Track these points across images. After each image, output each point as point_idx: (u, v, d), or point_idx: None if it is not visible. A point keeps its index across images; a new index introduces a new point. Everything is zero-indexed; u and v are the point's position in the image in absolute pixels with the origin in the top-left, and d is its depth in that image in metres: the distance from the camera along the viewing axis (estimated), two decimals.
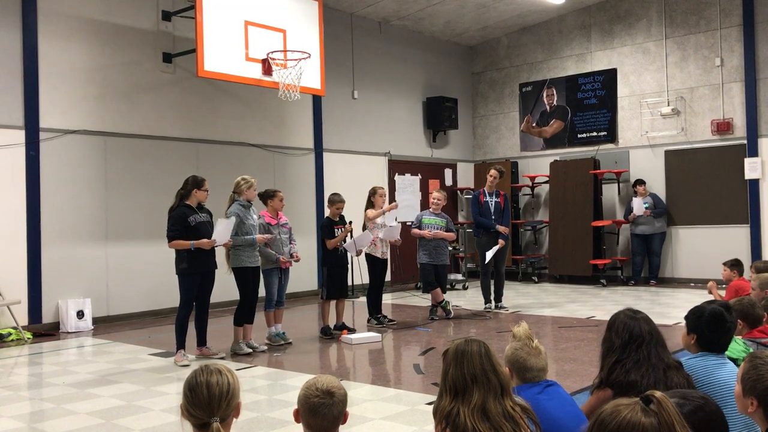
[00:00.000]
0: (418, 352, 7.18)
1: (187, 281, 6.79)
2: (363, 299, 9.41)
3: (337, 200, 8.20)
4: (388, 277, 11.10)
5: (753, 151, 11.69)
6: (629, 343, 3.11)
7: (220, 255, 7.12)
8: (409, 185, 13.83)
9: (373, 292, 8.81)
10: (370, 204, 8.82)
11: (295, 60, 9.60)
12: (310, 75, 10.05)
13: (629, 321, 3.18)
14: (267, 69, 9.67)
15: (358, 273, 10.65)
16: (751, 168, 11.69)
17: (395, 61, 13.65)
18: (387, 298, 10.23)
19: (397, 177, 13.57)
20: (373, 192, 8.83)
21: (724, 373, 3.16)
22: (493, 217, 9.53)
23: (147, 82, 10.01)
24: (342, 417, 2.42)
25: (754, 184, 11.68)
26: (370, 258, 8.76)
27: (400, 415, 4.93)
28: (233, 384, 2.27)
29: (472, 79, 15.36)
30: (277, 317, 7.69)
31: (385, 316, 8.82)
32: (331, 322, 8.22)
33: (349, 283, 11.49)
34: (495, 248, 9.43)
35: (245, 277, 7.20)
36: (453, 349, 2.54)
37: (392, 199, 12.90)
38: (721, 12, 12.05)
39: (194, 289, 6.80)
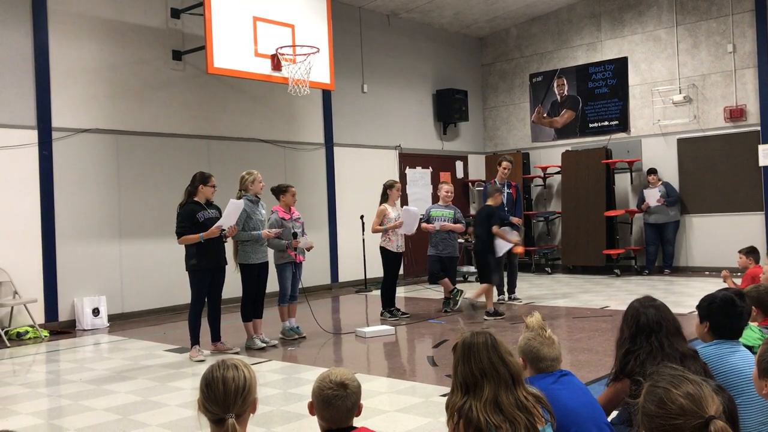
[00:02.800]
0: (432, 344, 7.18)
1: (197, 277, 6.82)
2: (376, 292, 9.41)
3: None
4: (401, 271, 11.10)
5: (767, 138, 11.57)
6: (638, 333, 3.09)
7: (229, 251, 7.15)
8: (420, 178, 13.81)
9: (387, 286, 8.81)
10: (384, 198, 8.80)
11: (304, 55, 9.60)
12: (319, 70, 10.05)
13: (637, 310, 3.17)
14: (276, 64, 9.68)
15: (371, 266, 10.65)
16: (765, 155, 11.57)
17: (404, 54, 13.62)
18: (400, 292, 10.22)
19: (408, 170, 13.56)
20: (390, 186, 8.80)
21: (738, 360, 3.14)
22: (506, 208, 9.50)
23: (157, 79, 10.05)
24: (356, 409, 2.43)
25: None
26: (384, 251, 8.76)
27: (415, 407, 4.94)
28: (249, 379, 2.25)
29: (482, 71, 15.30)
30: (291, 312, 7.72)
31: (398, 309, 8.83)
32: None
33: (360, 276, 11.56)
34: (506, 242, 9.42)
35: (250, 274, 7.21)
36: (460, 344, 2.54)
37: (403, 193, 12.91)
38: None
39: (205, 285, 6.84)
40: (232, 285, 7.42)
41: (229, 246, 7.12)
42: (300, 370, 6.26)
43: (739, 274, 7.29)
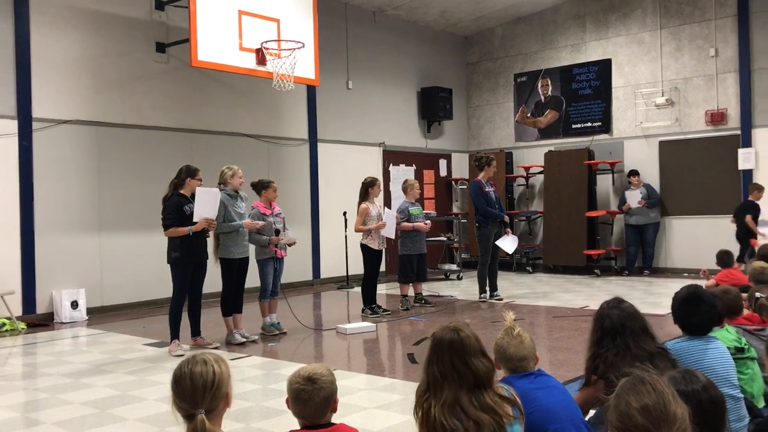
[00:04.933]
0: (412, 341, 7.19)
1: (180, 270, 6.78)
2: (358, 289, 9.42)
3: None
4: (382, 268, 11.09)
5: (747, 142, 11.71)
6: (604, 336, 3.16)
7: (209, 245, 7.11)
8: (403, 175, 13.81)
9: (368, 283, 8.83)
10: (365, 195, 8.81)
11: (290, 50, 9.56)
12: (304, 65, 10.03)
13: (602, 313, 3.24)
14: (261, 59, 9.64)
15: (353, 263, 10.65)
16: (745, 158, 11.71)
17: (390, 51, 13.62)
18: (381, 289, 10.23)
19: (391, 167, 13.57)
20: (371, 183, 8.82)
21: (708, 357, 3.18)
22: (497, 206, 9.59)
23: (140, 72, 9.97)
24: (328, 404, 2.43)
25: (748, 174, 11.71)
26: (365, 249, 8.77)
27: (394, 404, 4.95)
28: (219, 374, 2.22)
29: (467, 70, 15.33)
30: (272, 307, 7.70)
31: (379, 306, 8.85)
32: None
33: (342, 272, 11.55)
34: (513, 238, 9.60)
35: (230, 268, 7.18)
36: (431, 339, 2.54)
37: (386, 190, 12.93)
38: (716, 2, 12.04)
39: (187, 279, 6.80)
40: (212, 280, 7.38)
41: (209, 240, 7.08)
42: (280, 366, 6.25)
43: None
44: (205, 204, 6.71)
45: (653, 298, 9.46)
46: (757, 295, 4.12)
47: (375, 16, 13.29)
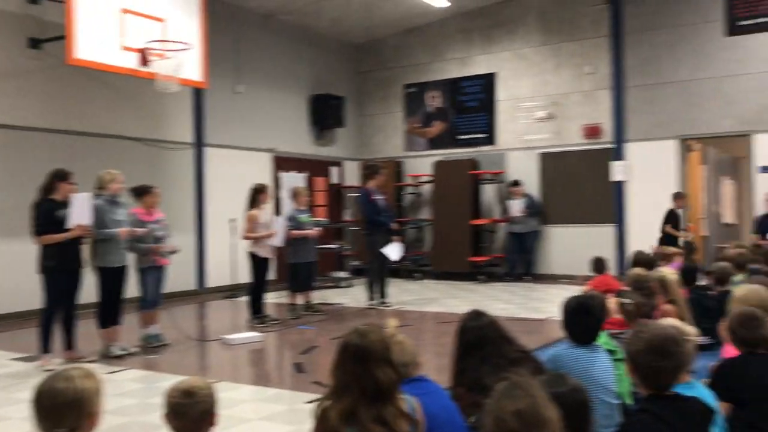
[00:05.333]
0: (300, 351, 7.11)
1: (54, 279, 6.38)
2: (245, 299, 9.22)
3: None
4: (271, 276, 10.92)
5: (619, 155, 12.46)
6: (466, 351, 3.27)
7: (85, 253, 6.74)
8: (294, 182, 13.67)
9: (256, 292, 8.67)
10: (254, 202, 8.65)
11: (175, 51, 9.25)
12: (191, 67, 9.74)
13: (462, 329, 3.35)
14: (144, 59, 9.26)
15: (241, 271, 10.42)
16: (618, 171, 12.45)
17: (281, 57, 13.48)
18: (270, 298, 10.07)
19: (282, 174, 13.41)
20: (260, 189, 8.69)
21: (593, 367, 3.33)
22: (386, 214, 9.66)
23: (11, 68, 9.33)
24: (207, 419, 2.35)
25: (620, 185, 12.45)
26: (253, 257, 8.61)
27: (279, 414, 4.87)
28: (83, 391, 2.08)
29: (359, 78, 15.43)
30: (153, 318, 7.38)
31: (267, 316, 8.70)
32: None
33: (229, 281, 11.27)
34: (399, 246, 9.69)
35: (107, 277, 6.83)
36: (341, 343, 2.50)
37: (276, 197, 12.77)
38: (592, 22, 12.76)
39: (61, 288, 6.41)
40: (88, 289, 6.98)
41: (84, 248, 6.70)
42: (160, 379, 5.99)
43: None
44: (80, 210, 6.36)
45: (533, 303, 9.85)
46: (625, 301, 4.36)
47: (266, 20, 13.12)
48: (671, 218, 11.19)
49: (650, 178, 12.13)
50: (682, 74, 11.92)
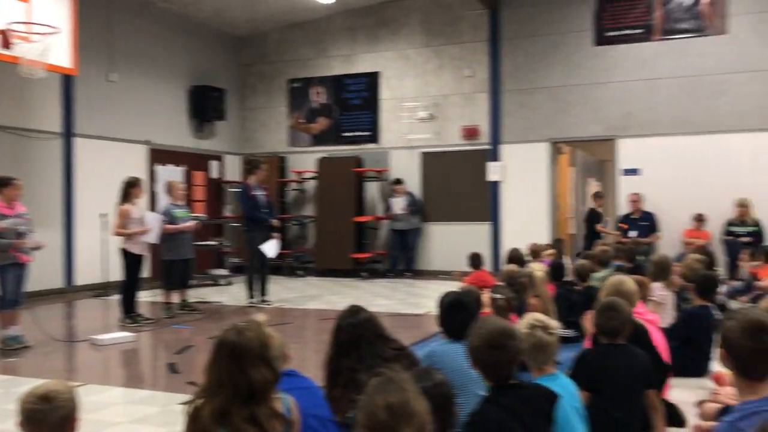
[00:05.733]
0: (175, 350, 6.87)
1: None
2: (116, 297, 8.81)
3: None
4: (145, 274, 10.49)
5: (495, 156, 12.94)
6: (340, 350, 3.30)
7: None
8: (171, 176, 13.19)
9: (128, 290, 8.30)
10: (126, 196, 8.27)
11: (41, 34, 8.67)
12: (59, 52, 9.15)
13: (338, 326, 3.38)
14: (5, 41, 8.61)
15: (113, 269, 9.94)
16: (494, 171, 12.93)
17: (159, 46, 12.96)
18: (144, 296, 9.67)
19: (158, 167, 12.90)
20: (133, 183, 8.32)
21: (465, 362, 3.43)
22: (265, 210, 9.49)
23: None
24: (68, 424, 2.21)
25: (496, 185, 12.94)
26: (126, 254, 8.23)
27: (152, 417, 4.69)
28: None
29: (242, 71, 15.12)
30: (14, 318, 6.89)
31: (140, 315, 8.35)
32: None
33: (100, 279, 10.72)
34: (275, 243, 9.47)
35: None
36: (216, 342, 2.44)
37: (151, 191, 12.30)
38: (472, 27, 13.16)
39: None
40: None
41: None
42: (21, 384, 5.59)
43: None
44: None
45: (413, 299, 10.05)
46: (495, 296, 4.53)
47: (143, 7, 12.57)
48: (596, 217, 11.77)
49: (523, 179, 12.70)
50: (553, 81, 12.55)
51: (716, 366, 4.56)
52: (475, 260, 8.51)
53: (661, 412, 3.66)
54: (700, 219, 11.22)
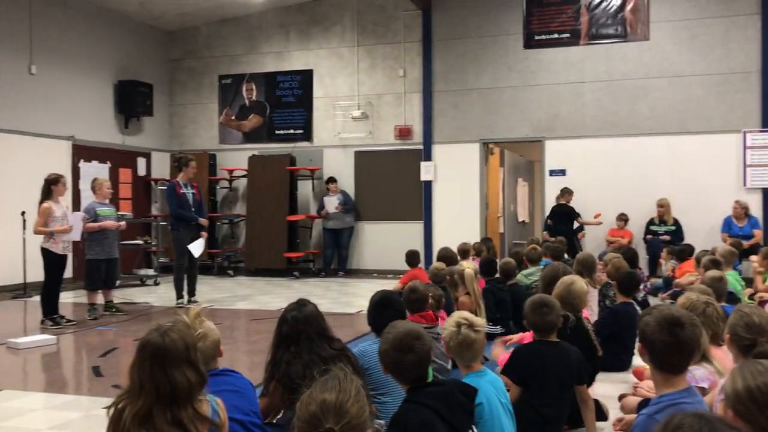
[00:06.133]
0: (99, 353, 6.66)
1: None
2: (37, 298, 8.46)
3: None
4: (68, 274, 10.12)
5: (428, 156, 13.07)
6: (281, 343, 3.28)
7: None
8: (96, 173, 12.77)
9: (50, 291, 7.97)
10: (48, 193, 7.95)
11: None
12: None
13: (282, 318, 3.36)
14: None
15: (32, 269, 9.55)
16: (426, 171, 13.06)
17: (83, 39, 12.50)
18: (66, 297, 9.33)
19: (82, 164, 12.45)
20: (55, 180, 7.99)
21: None
22: (193, 209, 9.28)
23: None
24: None
25: (428, 185, 13.07)
26: (47, 253, 7.90)
27: (74, 422, 4.53)
28: None
29: (170, 66, 14.76)
30: None
31: (62, 317, 8.04)
32: None
33: (19, 279, 10.29)
34: (201, 242, 9.24)
35: None
36: (139, 343, 2.38)
37: (75, 188, 11.88)
38: (405, 27, 13.24)
39: None
40: None
41: None
42: None
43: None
44: None
45: (346, 298, 10.04)
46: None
47: None
48: (571, 212, 11.80)
49: (455, 179, 12.88)
50: (484, 82, 12.76)
51: (638, 360, 4.73)
52: (412, 258, 8.58)
53: (591, 407, 3.75)
54: (623, 218, 11.63)
